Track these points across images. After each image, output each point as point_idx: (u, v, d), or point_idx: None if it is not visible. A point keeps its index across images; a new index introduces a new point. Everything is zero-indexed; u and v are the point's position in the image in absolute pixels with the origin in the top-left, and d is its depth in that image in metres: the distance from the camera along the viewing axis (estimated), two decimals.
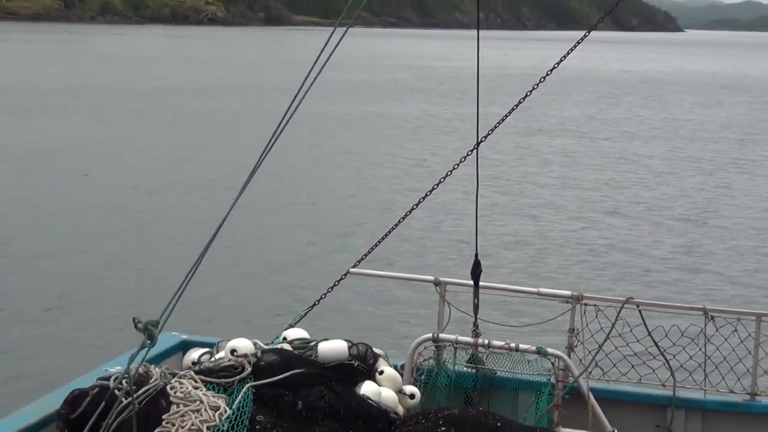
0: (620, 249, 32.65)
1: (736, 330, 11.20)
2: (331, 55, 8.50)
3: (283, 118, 8.06)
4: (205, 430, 8.62)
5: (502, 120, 10.40)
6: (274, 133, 8.18)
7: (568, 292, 11.52)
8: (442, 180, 10.70)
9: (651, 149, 60.24)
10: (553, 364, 10.96)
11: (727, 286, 27.77)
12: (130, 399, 8.62)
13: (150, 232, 31.39)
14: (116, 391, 8.74)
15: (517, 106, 10.49)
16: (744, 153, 60.26)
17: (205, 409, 8.81)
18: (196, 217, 30.88)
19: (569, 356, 11.04)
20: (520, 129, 61.50)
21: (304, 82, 8.11)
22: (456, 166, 10.48)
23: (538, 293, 11.94)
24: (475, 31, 12.04)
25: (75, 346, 19.90)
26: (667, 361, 11.18)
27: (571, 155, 56.13)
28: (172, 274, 7.74)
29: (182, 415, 8.72)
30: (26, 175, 43.00)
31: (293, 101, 7.99)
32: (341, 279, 10.98)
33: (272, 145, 8.41)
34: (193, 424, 8.66)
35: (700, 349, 11.15)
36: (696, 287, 27.05)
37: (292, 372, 9.36)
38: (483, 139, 10.28)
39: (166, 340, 10.05)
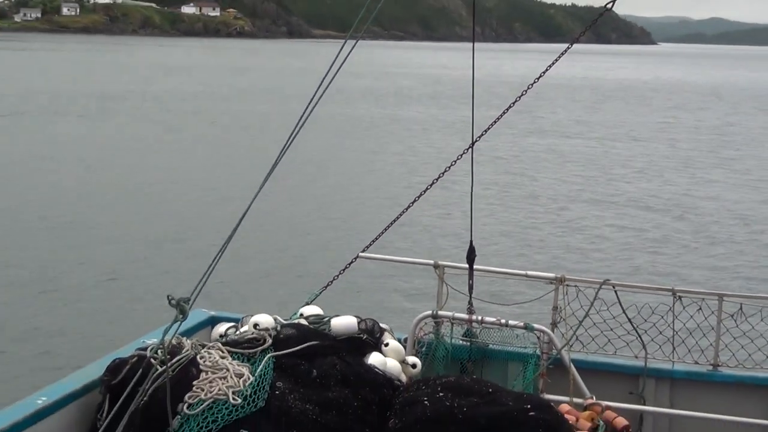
0: (601, 236, 32.66)
1: (700, 308, 11.23)
2: (343, 63, 8.57)
3: (300, 119, 8.12)
4: (230, 395, 8.66)
5: (494, 122, 10.40)
6: (293, 131, 8.24)
7: (552, 275, 11.59)
8: (441, 175, 10.70)
9: (630, 148, 60.19)
10: (538, 338, 11.01)
11: (693, 270, 27.75)
12: (164, 367, 8.67)
13: (182, 220, 31.42)
14: (152, 360, 8.80)
15: (507, 110, 10.51)
16: (714, 151, 60.16)
17: (231, 377, 8.85)
18: (223, 206, 30.90)
19: (553, 331, 11.08)
20: (515, 130, 61.53)
21: (319, 87, 8.17)
22: (453, 163, 10.48)
23: (526, 275, 11.97)
24: (479, 44, 12.07)
25: (115, 320, 19.95)
26: (640, 336, 11.21)
27: (561, 153, 56.10)
28: (201, 257, 7.72)
29: (210, 382, 8.76)
30: (88, 168, 43.11)
31: (309, 104, 8.05)
32: (352, 262, 10.99)
33: (291, 143, 8.47)
34: (220, 390, 8.70)
35: (668, 325, 11.17)
36: (667, 270, 27.05)
37: (307, 344, 9.39)
38: (477, 138, 10.29)
39: (196, 315, 10.08)
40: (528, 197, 40.41)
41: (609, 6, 10.48)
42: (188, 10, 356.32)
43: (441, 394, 8.88)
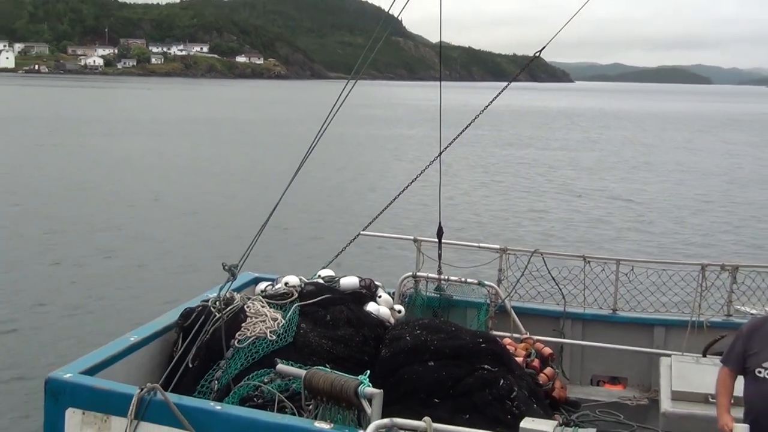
0: (536, 218, 32.63)
1: (603, 269, 11.21)
2: (347, 96, 8.60)
3: (317, 134, 8.12)
4: (268, 333, 8.68)
5: (456, 137, 10.33)
6: (312, 143, 8.24)
7: (498, 246, 11.60)
8: (418, 175, 10.68)
9: (567, 156, 60.26)
10: (488, 291, 11.01)
11: (602, 241, 27.78)
12: (220, 314, 8.67)
13: (233, 207, 31.39)
14: (212, 309, 8.79)
15: (466, 128, 10.39)
16: (635, 157, 60.29)
17: (269, 320, 8.87)
18: (263, 195, 30.77)
19: (498, 286, 11.08)
20: (478, 143, 61.54)
21: (330, 113, 8.17)
22: (428, 166, 10.46)
23: (479, 246, 11.97)
24: (446, 82, 12.06)
25: (186, 280, 19.93)
26: (560, 289, 11.19)
27: (511, 159, 56.12)
28: (246, 235, 7.72)
29: (254, 324, 8.78)
30: (169, 170, 43.20)
31: (324, 123, 8.07)
32: (355, 238, 10.97)
33: (311, 151, 8.50)
34: (260, 330, 8.71)
35: (581, 281, 11.17)
36: (582, 240, 27.10)
37: (323, 296, 9.43)
38: (444, 149, 10.26)
39: (243, 277, 10.04)
40: (484, 189, 40.45)
41: (537, 54, 10.45)
42: (241, 59, 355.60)
43: (418, 331, 8.90)
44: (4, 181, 37.72)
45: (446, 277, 11.09)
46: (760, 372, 7.09)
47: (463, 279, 11.13)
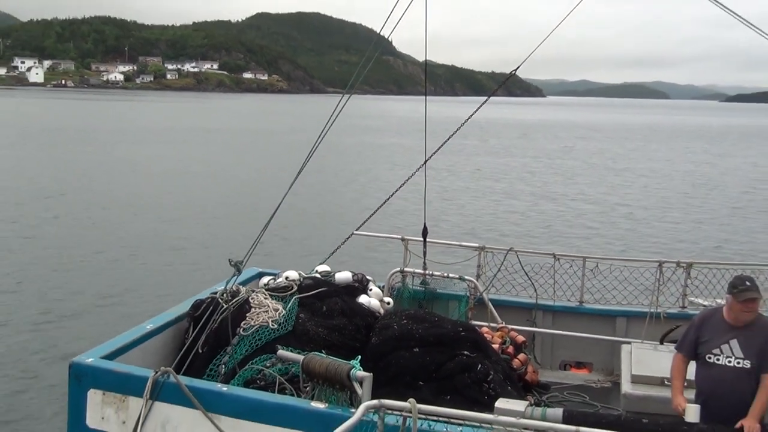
0: (514, 220, 32.61)
1: (571, 266, 11.24)
2: (342, 109, 8.56)
3: (315, 142, 8.09)
4: (270, 322, 8.67)
5: (441, 146, 10.33)
6: (311, 149, 8.22)
7: (477, 244, 11.62)
8: (406, 181, 10.66)
9: (544, 163, 60.23)
10: (468, 285, 11.04)
11: (573, 240, 27.78)
12: (227, 305, 8.68)
13: (239, 208, 31.30)
14: (220, 300, 8.81)
15: (448, 139, 10.43)
16: (605, 164, 60.45)
17: (271, 311, 8.85)
18: (266, 198, 30.60)
19: (477, 280, 11.10)
20: (462, 151, 61.47)
21: (326, 125, 8.16)
22: (413, 174, 10.44)
23: (460, 245, 11.98)
24: (431, 97, 12.05)
25: (196, 275, 19.89)
26: (533, 283, 11.21)
27: (491, 166, 55.98)
28: (251, 232, 7.71)
29: (257, 314, 8.77)
30: (183, 174, 43.12)
31: (322, 133, 8.04)
32: (349, 237, 10.97)
33: (310, 157, 8.48)
34: (263, 319, 8.70)
35: (551, 276, 11.19)
36: (553, 240, 27.10)
37: (319, 289, 9.41)
38: (429, 157, 10.27)
39: (248, 271, 10.04)
40: (466, 192, 40.38)
41: (513, 72, 10.46)
42: (247, 75, 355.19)
43: (405, 321, 8.91)
44: (38, 186, 37.62)
45: (430, 273, 11.14)
46: (710, 358, 7.14)
47: (445, 274, 11.18)
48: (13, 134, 69.91)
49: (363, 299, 9.65)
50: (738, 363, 7.01)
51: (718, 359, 7.09)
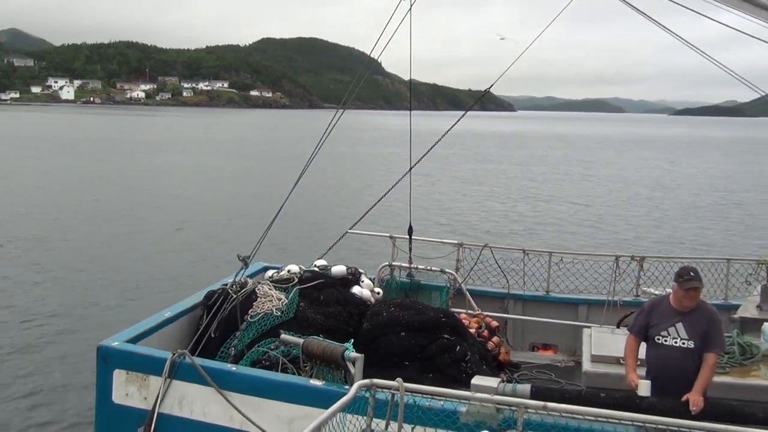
0: (489, 218, 32.62)
1: (539, 259, 11.26)
2: (336, 122, 8.55)
3: (313, 152, 8.08)
4: (274, 310, 8.66)
5: (423, 156, 10.29)
6: (309, 158, 8.21)
7: (456, 241, 11.64)
8: (393, 186, 10.60)
9: (519, 169, 60.25)
10: (448, 277, 11.04)
11: (542, 236, 27.75)
12: (236, 295, 8.68)
13: (247, 209, 31.19)
14: (230, 291, 8.79)
15: (431, 148, 10.33)
16: (573, 169, 60.49)
17: (274, 300, 8.84)
18: (270, 200, 30.68)
19: (456, 273, 11.10)
20: (446, 160, 61.39)
21: (323, 136, 8.15)
22: (400, 180, 10.37)
23: (441, 242, 12.00)
24: (416, 111, 12.07)
25: (209, 269, 19.84)
26: (505, 275, 11.23)
27: (474, 172, 55.98)
28: (257, 230, 7.67)
29: (263, 303, 8.76)
30: (196, 180, 43.08)
31: (319, 143, 8.03)
32: (344, 235, 10.97)
33: (308, 165, 8.47)
34: (268, 308, 8.69)
35: (521, 269, 11.21)
36: (523, 236, 27.10)
37: (317, 281, 9.41)
38: (414, 164, 10.24)
39: (254, 266, 10.01)
40: (448, 195, 40.38)
41: (488, 89, 10.46)
42: (254, 92, 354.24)
43: (392, 309, 8.91)
44: (73, 190, 37.54)
45: (415, 266, 11.13)
46: (658, 339, 7.17)
47: (428, 267, 11.18)
48: (50, 144, 69.74)
49: (356, 290, 9.64)
50: (683, 344, 7.06)
51: (665, 340, 7.13)
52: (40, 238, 24.89)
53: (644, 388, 6.95)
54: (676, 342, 7.09)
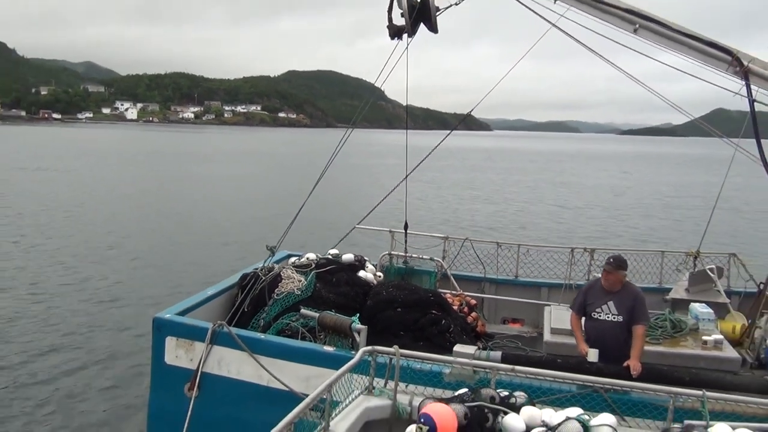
0: (470, 217, 32.46)
1: (510, 250, 11.22)
2: (346, 138, 8.53)
3: (328, 161, 8.05)
4: (295, 290, 8.62)
5: (417, 166, 10.20)
6: (326, 165, 8.19)
7: (442, 235, 11.60)
8: (393, 190, 10.58)
9: (500, 177, 59.90)
10: (436, 264, 11.01)
11: (510, 231, 27.58)
12: (265, 277, 8.65)
13: (274, 208, 31.14)
14: (260, 274, 8.77)
15: (423, 159, 10.33)
16: (545, 177, 60.05)
17: (296, 282, 8.82)
18: (293, 201, 30.77)
19: (443, 261, 11.08)
20: (440, 170, 61.10)
21: (336, 150, 8.13)
22: (398, 185, 10.32)
23: (431, 236, 11.95)
24: (411, 131, 12.04)
25: (243, 256, 19.79)
26: (482, 263, 11.19)
27: (462, 180, 55.49)
28: (282, 225, 7.61)
29: (286, 284, 8.72)
30: (235, 186, 43.02)
31: (332, 156, 8.00)
32: (352, 230, 10.93)
33: (324, 173, 8.45)
34: (290, 288, 8.67)
35: (495, 258, 11.19)
36: (498, 231, 26.96)
37: (331, 267, 9.39)
38: (409, 173, 10.19)
39: (280, 254, 9.98)
40: (437, 198, 40.07)
41: (469, 113, 10.46)
42: (281, 114, 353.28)
43: (391, 289, 8.90)
44: (138, 191, 37.52)
45: (410, 255, 11.10)
46: (594, 315, 7.24)
47: (420, 256, 11.15)
48: (118, 155, 69.73)
49: (361, 274, 9.64)
50: (614, 318, 7.12)
51: (600, 316, 7.18)
52: (114, 230, 24.92)
53: (593, 355, 6.98)
54: (608, 317, 7.14)
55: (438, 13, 8.04)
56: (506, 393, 5.36)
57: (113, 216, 28.40)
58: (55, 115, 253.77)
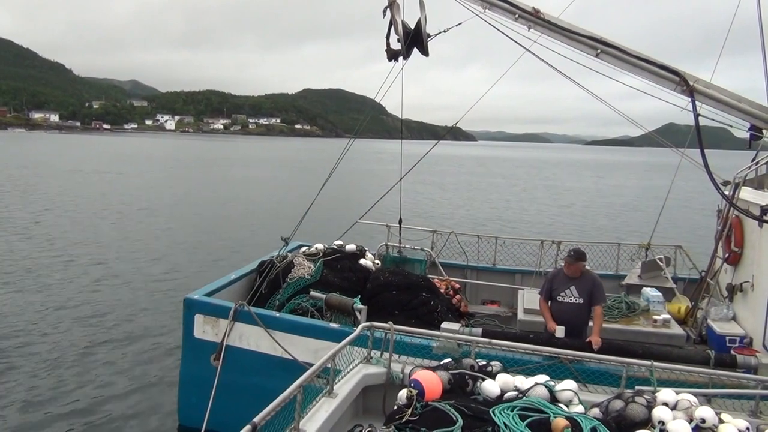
0: (456, 213, 32.28)
1: (489, 242, 11.17)
2: (350, 146, 8.45)
3: (335, 165, 7.99)
4: (306, 275, 8.57)
5: (410, 169, 10.14)
6: (332, 168, 8.13)
7: (431, 229, 11.54)
8: (389, 190, 10.41)
9: (485, 180, 59.12)
10: (426, 254, 10.96)
11: (493, 225, 27.49)
12: (279, 264, 8.60)
13: (288, 204, 31.03)
14: (275, 261, 8.72)
15: (416, 164, 10.28)
16: (523, 181, 59.62)
17: (306, 268, 8.77)
18: (305, 198, 30.71)
19: (432, 251, 11.03)
20: (433, 174, 60.85)
21: (341, 155, 8.07)
22: (394, 186, 10.21)
23: (422, 229, 11.90)
24: (406, 141, 11.95)
25: (261, 246, 19.72)
26: (465, 253, 11.14)
27: (452, 183, 54.91)
28: (295, 219, 7.57)
29: (298, 270, 8.67)
30: (257, 187, 42.86)
31: (339, 159, 7.94)
32: (354, 224, 10.89)
33: (331, 175, 8.38)
34: (301, 273, 8.62)
35: (476, 248, 11.12)
36: (481, 224, 26.88)
37: (336, 255, 9.34)
38: (404, 175, 10.10)
39: (292, 243, 9.90)
40: (428, 197, 39.90)
41: (455, 124, 10.39)
42: (298, 126, 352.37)
43: (387, 275, 8.84)
44: (174, 192, 37.39)
45: (403, 246, 11.04)
46: (559, 298, 7.22)
47: (412, 246, 11.10)
48: (159, 161, 69.63)
49: (362, 261, 9.57)
50: (576, 300, 7.11)
51: (564, 299, 7.16)
52: (155, 222, 24.88)
53: (560, 332, 6.95)
54: (571, 300, 7.14)
55: (429, 39, 7.98)
56: (484, 363, 5.35)
57: (156, 211, 28.34)
58: (105, 126, 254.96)
